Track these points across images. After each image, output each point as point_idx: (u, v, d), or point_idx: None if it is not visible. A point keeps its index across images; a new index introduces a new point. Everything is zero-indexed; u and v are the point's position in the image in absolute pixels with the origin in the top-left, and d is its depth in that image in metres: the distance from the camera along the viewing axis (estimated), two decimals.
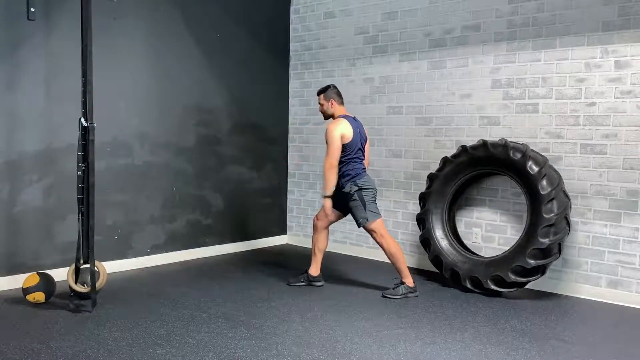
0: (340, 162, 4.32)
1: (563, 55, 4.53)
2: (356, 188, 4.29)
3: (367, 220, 4.31)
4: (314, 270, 4.61)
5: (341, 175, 4.34)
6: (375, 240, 4.40)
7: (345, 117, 4.41)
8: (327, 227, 4.61)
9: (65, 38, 4.45)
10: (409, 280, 4.37)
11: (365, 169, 4.43)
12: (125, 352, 3.13)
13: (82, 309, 3.81)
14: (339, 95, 4.48)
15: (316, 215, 4.62)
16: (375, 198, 4.40)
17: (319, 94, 4.50)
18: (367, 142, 4.56)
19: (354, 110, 5.82)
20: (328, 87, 4.49)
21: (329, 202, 4.37)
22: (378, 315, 3.92)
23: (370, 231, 4.36)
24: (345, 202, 4.37)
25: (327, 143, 4.29)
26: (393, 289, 4.37)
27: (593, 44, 4.39)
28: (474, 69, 5.01)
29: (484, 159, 4.62)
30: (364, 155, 4.45)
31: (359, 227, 4.40)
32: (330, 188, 4.32)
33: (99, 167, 4.44)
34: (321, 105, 4.48)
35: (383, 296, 4.34)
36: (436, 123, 5.26)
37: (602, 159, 4.38)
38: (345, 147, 4.29)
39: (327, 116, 4.50)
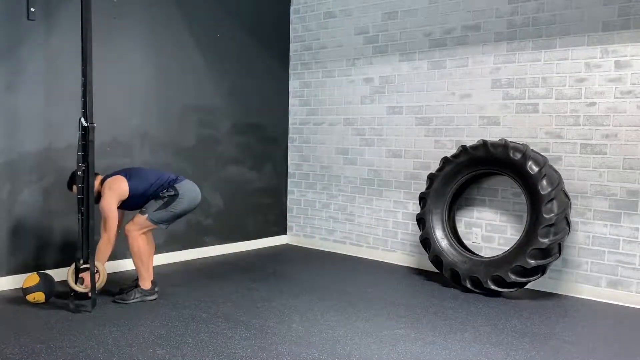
0: (140, 196, 3.97)
1: (563, 55, 4.53)
2: (172, 193, 3.97)
3: (145, 213, 3.94)
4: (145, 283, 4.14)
5: (150, 195, 3.98)
6: (130, 228, 3.98)
7: (109, 176, 4.01)
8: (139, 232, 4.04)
9: (65, 38, 4.45)
10: (144, 283, 4.04)
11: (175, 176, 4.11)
12: (125, 352, 3.13)
13: (82, 309, 3.81)
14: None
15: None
16: (177, 213, 4.01)
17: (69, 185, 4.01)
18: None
19: (354, 110, 5.83)
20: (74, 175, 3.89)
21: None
22: (378, 315, 3.92)
23: (136, 217, 3.99)
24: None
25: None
26: (126, 293, 4.03)
27: (593, 44, 4.39)
28: (474, 69, 5.01)
29: (484, 159, 4.62)
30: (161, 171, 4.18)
31: (139, 212, 4.00)
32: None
33: (99, 167, 4.44)
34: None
35: (114, 301, 3.98)
36: (436, 123, 5.26)
37: (602, 159, 4.38)
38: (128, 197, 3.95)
39: (99, 195, 3.97)
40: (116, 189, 3.94)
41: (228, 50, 5.73)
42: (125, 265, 4.95)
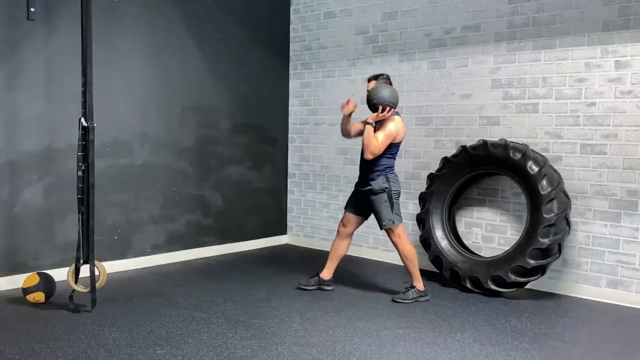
0: (377, 157, 4.13)
1: (563, 55, 4.53)
2: (386, 185, 4.14)
3: (394, 222, 4.17)
4: (326, 274, 4.51)
5: (371, 169, 4.18)
6: (391, 240, 4.26)
7: (397, 114, 4.24)
8: (350, 235, 4.47)
9: (65, 38, 4.45)
10: (419, 284, 4.25)
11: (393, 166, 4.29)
12: (125, 352, 3.13)
13: (82, 309, 3.81)
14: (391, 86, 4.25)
15: (341, 221, 4.46)
16: (399, 199, 4.26)
17: (369, 80, 4.26)
18: None
19: (355, 111, 5.81)
20: (381, 75, 4.27)
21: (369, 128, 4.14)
22: (378, 315, 3.92)
23: (389, 230, 4.22)
24: (369, 199, 4.21)
25: (379, 130, 4.10)
26: (404, 292, 4.25)
27: (593, 44, 4.39)
28: (474, 69, 5.01)
29: (484, 159, 4.62)
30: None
31: (381, 229, 4.25)
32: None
33: (99, 167, 4.44)
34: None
35: (393, 300, 4.23)
36: (436, 123, 5.26)
37: (602, 159, 4.38)
38: (391, 146, 4.17)
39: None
40: (401, 128, 4.25)
41: (228, 50, 5.73)
42: (125, 265, 4.96)
